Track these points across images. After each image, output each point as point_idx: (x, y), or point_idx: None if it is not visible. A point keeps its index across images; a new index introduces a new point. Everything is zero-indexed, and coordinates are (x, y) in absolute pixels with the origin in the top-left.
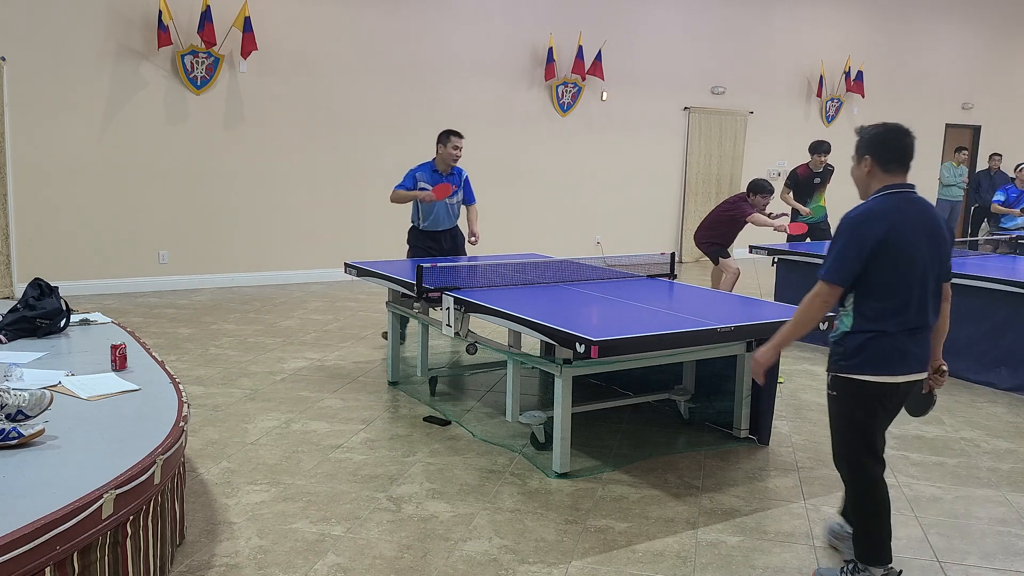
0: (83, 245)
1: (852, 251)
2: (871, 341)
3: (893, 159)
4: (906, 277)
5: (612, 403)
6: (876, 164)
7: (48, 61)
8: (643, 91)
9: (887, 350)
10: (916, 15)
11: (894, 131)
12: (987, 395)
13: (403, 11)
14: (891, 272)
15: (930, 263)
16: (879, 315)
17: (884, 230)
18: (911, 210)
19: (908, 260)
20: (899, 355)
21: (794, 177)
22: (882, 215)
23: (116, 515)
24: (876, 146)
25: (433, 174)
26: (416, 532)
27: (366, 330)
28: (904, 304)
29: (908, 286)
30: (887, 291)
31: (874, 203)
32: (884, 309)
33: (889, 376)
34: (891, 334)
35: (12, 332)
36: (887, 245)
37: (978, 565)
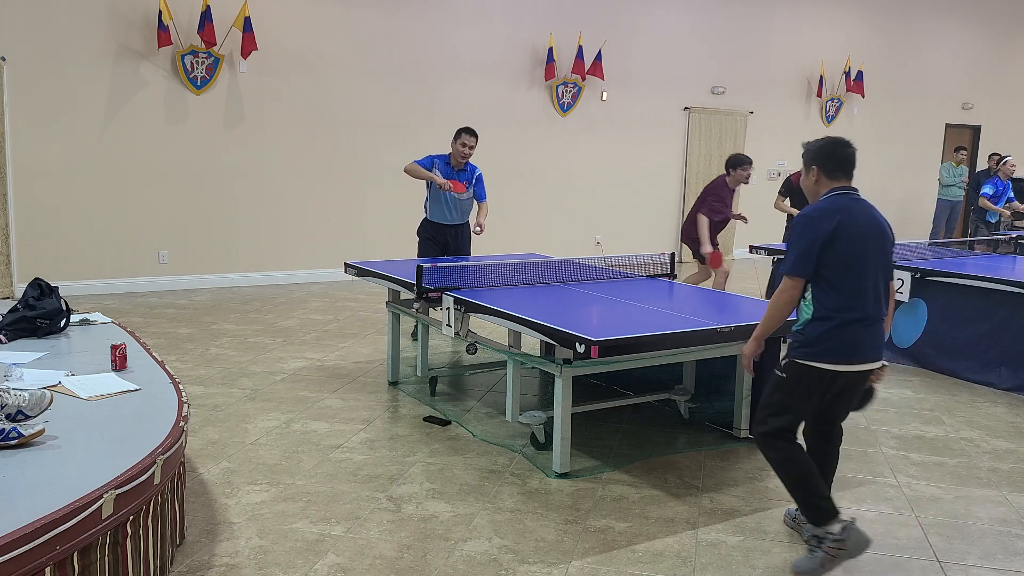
0: (83, 245)
1: (808, 245)
2: (829, 332)
3: (836, 167)
4: (857, 270)
5: (612, 403)
6: (822, 172)
7: (48, 61)
8: (643, 91)
9: (845, 339)
10: (916, 15)
11: (836, 143)
12: (987, 395)
13: (403, 11)
14: (844, 264)
15: (878, 259)
16: (837, 306)
17: (835, 224)
18: (856, 209)
19: (858, 254)
20: (855, 345)
21: (788, 185)
22: (832, 211)
23: (116, 515)
24: (821, 157)
25: (446, 167)
26: (416, 532)
27: (366, 330)
28: (858, 295)
29: (860, 278)
30: (842, 283)
31: (824, 202)
32: (840, 300)
33: (844, 364)
34: (848, 324)
35: (12, 332)
36: (838, 237)
37: (978, 565)
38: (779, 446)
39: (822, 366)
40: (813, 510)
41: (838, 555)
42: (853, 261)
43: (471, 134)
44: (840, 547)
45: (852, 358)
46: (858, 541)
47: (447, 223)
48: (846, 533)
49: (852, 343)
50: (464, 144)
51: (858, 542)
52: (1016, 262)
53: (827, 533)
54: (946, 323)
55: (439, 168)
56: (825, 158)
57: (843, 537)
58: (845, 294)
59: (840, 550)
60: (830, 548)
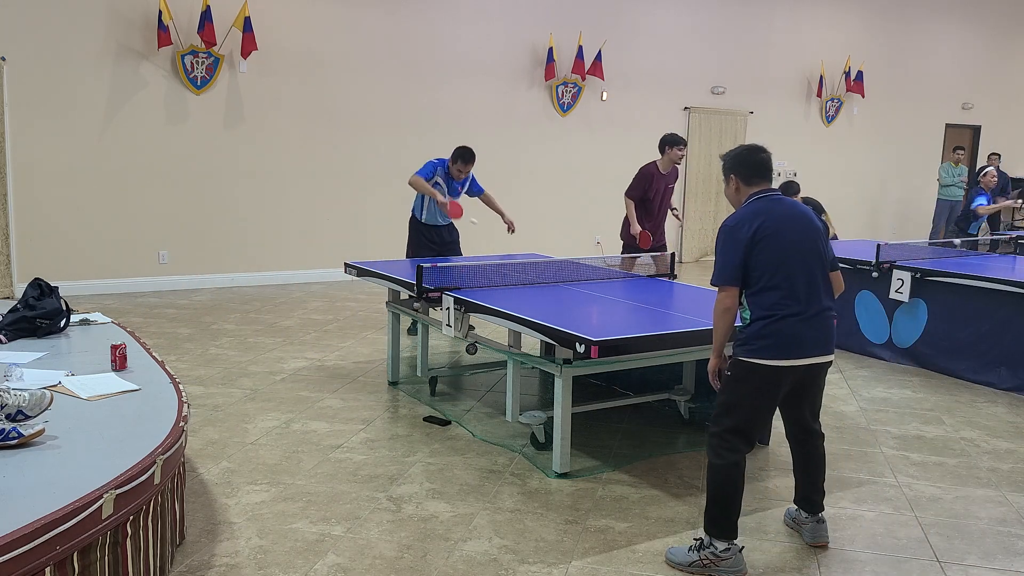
0: (83, 245)
1: (731, 253)
2: (767, 328)
3: (752, 173)
4: (785, 267)
5: (612, 403)
6: (740, 180)
7: (48, 61)
8: (643, 91)
9: (783, 336)
10: (916, 15)
11: (750, 149)
12: (987, 395)
13: (403, 11)
14: (770, 264)
15: (809, 253)
16: (771, 304)
17: (754, 228)
18: (777, 209)
19: (784, 251)
20: (794, 340)
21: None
22: (751, 216)
23: (116, 515)
24: (737, 166)
25: (447, 176)
26: (416, 532)
27: (366, 330)
28: (790, 292)
29: (790, 275)
30: (771, 281)
31: (743, 210)
32: (773, 298)
33: (784, 360)
34: (784, 320)
35: (12, 332)
36: (759, 240)
37: (978, 565)
38: (723, 453)
39: (763, 362)
40: (716, 523)
41: (711, 570)
42: (780, 259)
43: (471, 161)
44: (716, 563)
45: (792, 353)
46: (739, 565)
47: (439, 224)
48: (729, 553)
49: (791, 338)
50: (460, 171)
51: (739, 565)
52: (1016, 262)
53: (713, 543)
54: (946, 323)
55: (440, 175)
56: (741, 166)
57: (723, 556)
58: (778, 292)
59: (714, 566)
60: (707, 558)
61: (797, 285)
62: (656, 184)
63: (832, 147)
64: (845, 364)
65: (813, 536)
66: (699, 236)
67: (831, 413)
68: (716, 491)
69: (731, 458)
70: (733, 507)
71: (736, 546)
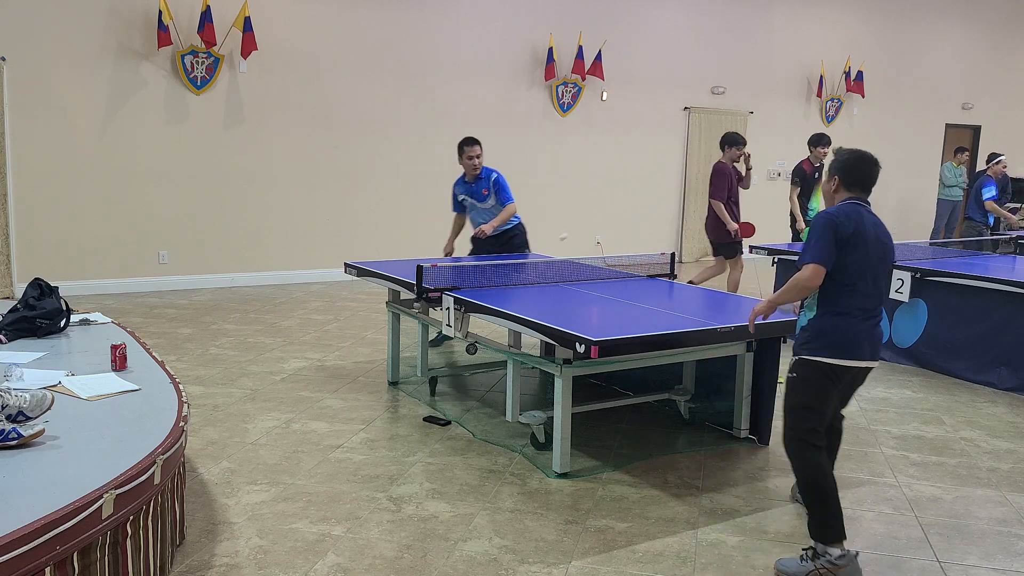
0: (83, 245)
1: (829, 239)
2: (836, 326)
3: (855, 182)
4: (864, 270)
5: (612, 403)
6: (841, 183)
7: (48, 61)
8: (643, 91)
9: (848, 335)
10: (916, 15)
11: (864, 160)
12: (987, 395)
13: (403, 11)
14: (856, 266)
15: (881, 266)
16: (846, 304)
17: (853, 226)
18: (868, 219)
19: (867, 258)
20: (856, 341)
21: (800, 172)
22: (850, 215)
23: (116, 515)
24: (844, 170)
25: (465, 184)
26: (416, 532)
27: (366, 330)
28: (866, 296)
29: (865, 278)
30: (853, 282)
31: (841, 207)
32: (850, 299)
33: (846, 360)
34: (852, 319)
35: (12, 332)
36: (855, 238)
37: (978, 565)
38: (807, 456)
39: (827, 360)
40: (822, 526)
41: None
42: (864, 264)
43: (473, 143)
44: (833, 571)
45: (854, 354)
46: (852, 573)
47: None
48: (845, 560)
49: (855, 339)
50: (468, 156)
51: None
52: (1016, 262)
53: (827, 552)
54: (946, 323)
55: (460, 191)
56: (848, 171)
57: (840, 564)
58: (857, 294)
59: (831, 574)
60: (823, 567)
61: (872, 291)
62: (733, 180)
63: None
64: None
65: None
66: (699, 236)
67: None
68: (812, 494)
69: (815, 457)
70: (834, 506)
71: (851, 552)
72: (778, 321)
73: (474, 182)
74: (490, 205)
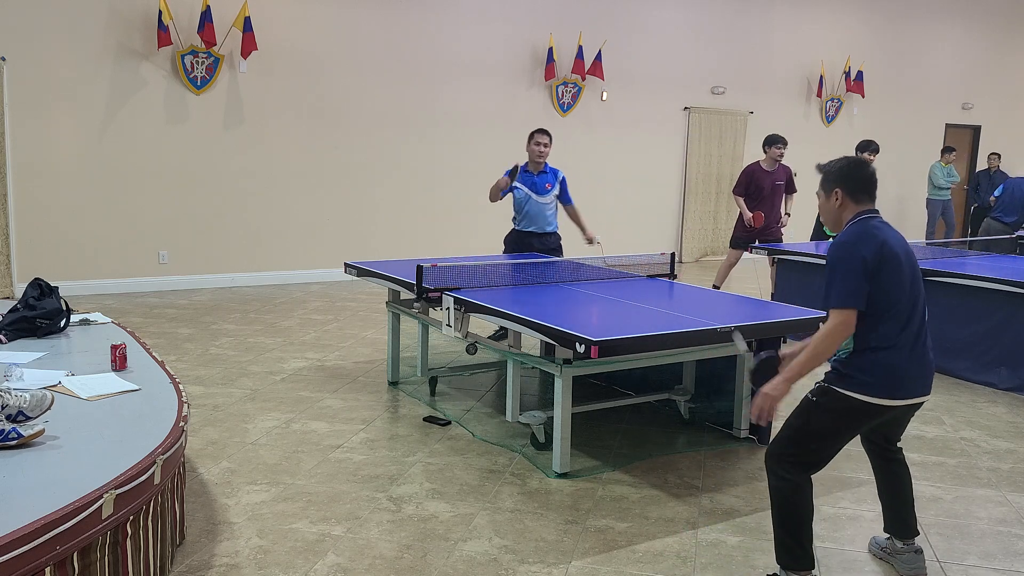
0: (83, 245)
1: (854, 273)
2: (877, 361)
3: (860, 189)
4: (898, 297)
5: (612, 403)
6: (847, 196)
7: (48, 61)
8: (643, 91)
9: (892, 372)
10: (916, 15)
11: (858, 164)
12: (987, 395)
13: (403, 11)
14: (892, 291)
15: (919, 282)
16: (885, 335)
17: (877, 247)
18: (890, 233)
19: (899, 280)
20: (903, 377)
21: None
22: (870, 235)
23: (116, 515)
24: (844, 180)
25: (526, 174)
26: (416, 532)
27: (366, 330)
28: (907, 323)
29: (902, 307)
30: (891, 310)
31: (856, 227)
32: (889, 329)
33: (887, 400)
34: (896, 352)
35: (12, 332)
36: (883, 262)
37: (978, 565)
38: (782, 474)
39: (864, 398)
40: (789, 553)
41: None
42: (895, 288)
43: (543, 133)
44: None
45: (897, 392)
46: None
47: (536, 231)
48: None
49: (901, 375)
50: (536, 143)
51: None
52: (1016, 262)
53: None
54: (946, 323)
55: (521, 179)
56: (848, 180)
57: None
58: (896, 323)
59: None
60: None
61: (913, 316)
62: (759, 180)
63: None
64: None
65: (910, 567)
66: (699, 236)
67: None
68: (787, 518)
69: (792, 479)
70: (805, 535)
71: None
72: (776, 321)
73: (537, 175)
74: (549, 200)
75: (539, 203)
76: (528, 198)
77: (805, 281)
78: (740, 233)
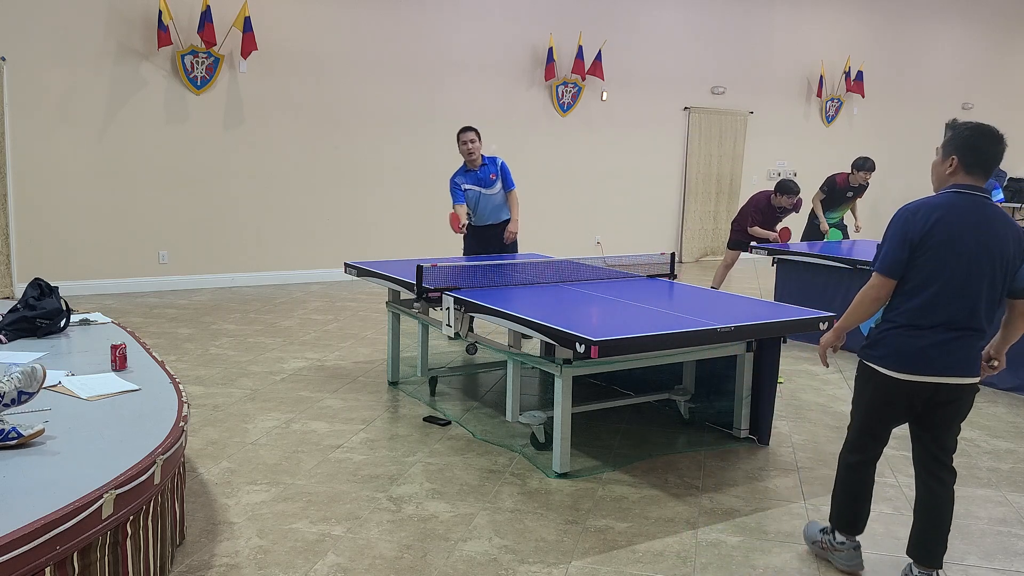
0: (83, 245)
1: (898, 243)
2: (894, 336)
3: (976, 163)
4: (944, 274)
5: (612, 403)
6: (961, 165)
7: (48, 61)
8: (643, 91)
9: (906, 349)
10: (916, 15)
11: (988, 135)
12: (987, 395)
13: (403, 11)
14: (928, 268)
15: (983, 266)
16: (909, 311)
17: (930, 223)
18: (967, 207)
19: (950, 258)
20: (919, 355)
21: (831, 183)
22: (932, 208)
23: (116, 515)
24: (964, 148)
25: (469, 173)
26: (416, 532)
27: (366, 330)
28: (938, 302)
29: (946, 284)
30: (922, 288)
31: (931, 198)
32: (915, 305)
33: (903, 374)
34: (915, 332)
35: (12, 332)
36: (930, 238)
37: (978, 565)
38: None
39: (882, 370)
40: (836, 514)
41: (826, 554)
42: (941, 265)
43: (468, 130)
44: (831, 551)
45: (914, 368)
46: (849, 560)
47: (491, 223)
48: (843, 547)
49: (916, 352)
50: (463, 143)
51: (848, 560)
52: None
53: (833, 533)
54: None
55: (464, 181)
56: (970, 151)
57: (837, 547)
58: (921, 300)
59: (830, 552)
60: (824, 543)
61: (950, 299)
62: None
63: (832, 147)
64: (845, 364)
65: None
66: (699, 236)
67: (831, 413)
68: (837, 485)
69: (849, 457)
70: (851, 504)
71: (853, 542)
72: (776, 321)
73: (479, 170)
74: (497, 190)
75: (489, 195)
76: (479, 195)
77: (804, 282)
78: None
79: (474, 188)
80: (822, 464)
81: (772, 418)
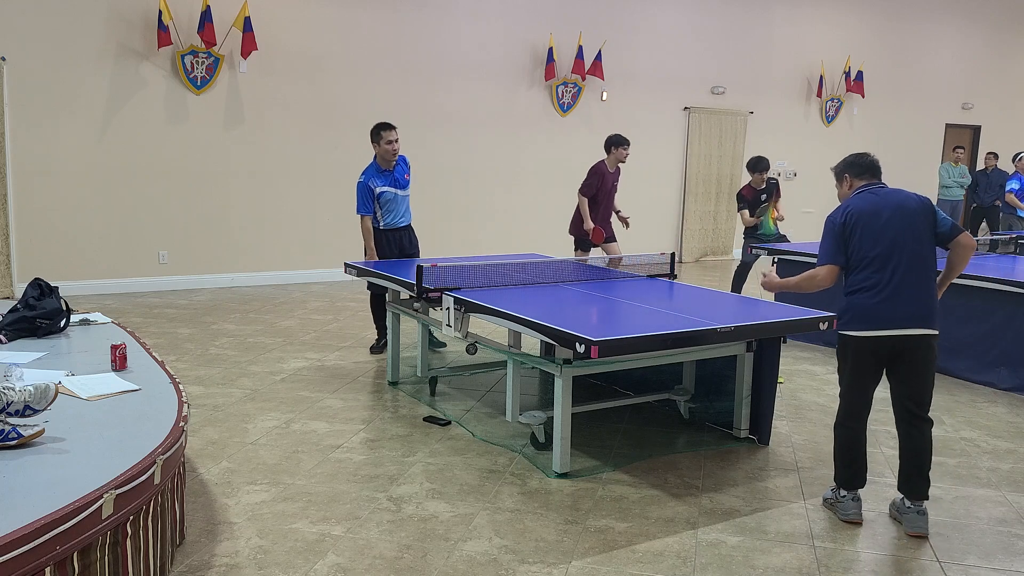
0: (83, 245)
1: (831, 238)
2: (852, 302)
3: (863, 170)
4: (875, 248)
5: (612, 403)
6: (853, 176)
7: (48, 61)
8: (643, 91)
9: (864, 309)
10: (916, 15)
11: (858, 155)
12: (987, 395)
13: (403, 11)
14: (861, 247)
15: (903, 231)
16: (859, 282)
17: (849, 215)
18: (874, 196)
19: (874, 233)
20: (875, 313)
21: (742, 199)
22: (847, 206)
23: (116, 515)
24: (848, 167)
25: (384, 175)
26: (416, 532)
27: (366, 330)
28: (879, 271)
29: (880, 256)
30: (862, 262)
31: (845, 202)
32: (862, 277)
33: (868, 331)
34: (869, 295)
35: (12, 332)
36: (852, 227)
37: (978, 565)
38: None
39: (852, 333)
40: (836, 472)
41: (833, 508)
42: (870, 241)
43: (391, 128)
44: (833, 502)
45: (874, 324)
46: (848, 510)
47: (402, 226)
48: (844, 500)
49: (872, 310)
50: (389, 142)
51: (848, 511)
52: (1016, 262)
53: (838, 490)
54: (946, 323)
55: (378, 183)
56: (852, 167)
57: (839, 499)
58: (866, 270)
59: (835, 505)
60: (830, 497)
61: (886, 266)
62: (605, 182)
63: (832, 147)
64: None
65: (912, 526)
66: (699, 236)
67: (832, 413)
68: (836, 449)
69: (842, 423)
70: (850, 464)
71: (852, 495)
72: (776, 321)
73: (394, 169)
74: (408, 191)
75: (404, 196)
76: (395, 196)
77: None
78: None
79: (390, 190)
80: (822, 464)
81: (772, 418)
